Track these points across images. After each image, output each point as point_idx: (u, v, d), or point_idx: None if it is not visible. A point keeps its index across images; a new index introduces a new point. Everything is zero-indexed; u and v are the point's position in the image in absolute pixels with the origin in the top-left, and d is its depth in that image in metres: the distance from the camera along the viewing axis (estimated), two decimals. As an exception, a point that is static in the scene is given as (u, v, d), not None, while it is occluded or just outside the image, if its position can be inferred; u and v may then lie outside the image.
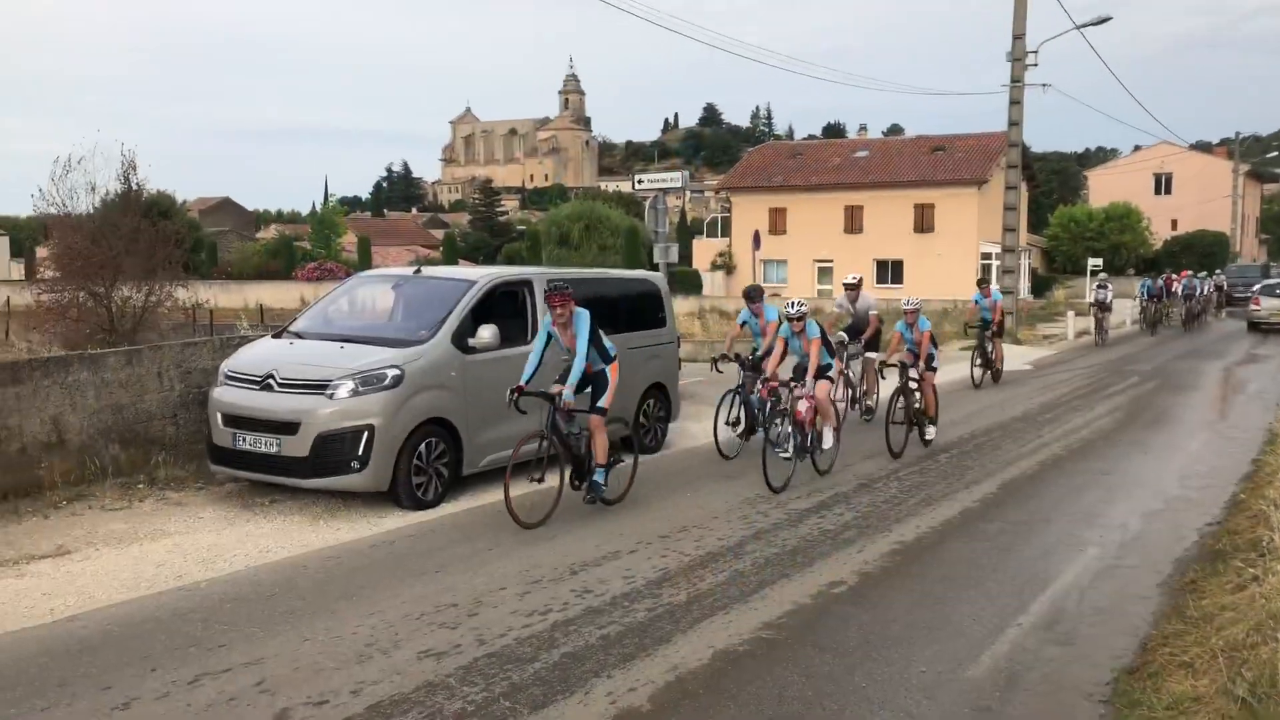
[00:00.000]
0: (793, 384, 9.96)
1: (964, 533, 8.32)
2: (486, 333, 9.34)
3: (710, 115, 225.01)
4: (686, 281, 51.03)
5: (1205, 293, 37.29)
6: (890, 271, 49.97)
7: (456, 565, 7.23)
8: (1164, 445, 12.51)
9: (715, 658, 5.60)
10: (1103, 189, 70.84)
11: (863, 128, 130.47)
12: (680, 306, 34.27)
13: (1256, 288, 34.30)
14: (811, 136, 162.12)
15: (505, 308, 9.97)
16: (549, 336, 8.76)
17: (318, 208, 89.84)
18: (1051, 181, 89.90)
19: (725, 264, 53.97)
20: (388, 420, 8.54)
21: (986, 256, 45.55)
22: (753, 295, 12.04)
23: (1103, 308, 27.62)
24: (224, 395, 9.02)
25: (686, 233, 70.97)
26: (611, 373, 8.91)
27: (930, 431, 12.11)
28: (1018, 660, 5.64)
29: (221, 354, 10.06)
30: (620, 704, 5.01)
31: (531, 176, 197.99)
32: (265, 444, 8.60)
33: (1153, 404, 16.13)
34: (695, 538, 8.05)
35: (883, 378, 13.33)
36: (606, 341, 8.91)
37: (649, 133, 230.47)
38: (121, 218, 22.17)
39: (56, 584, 6.77)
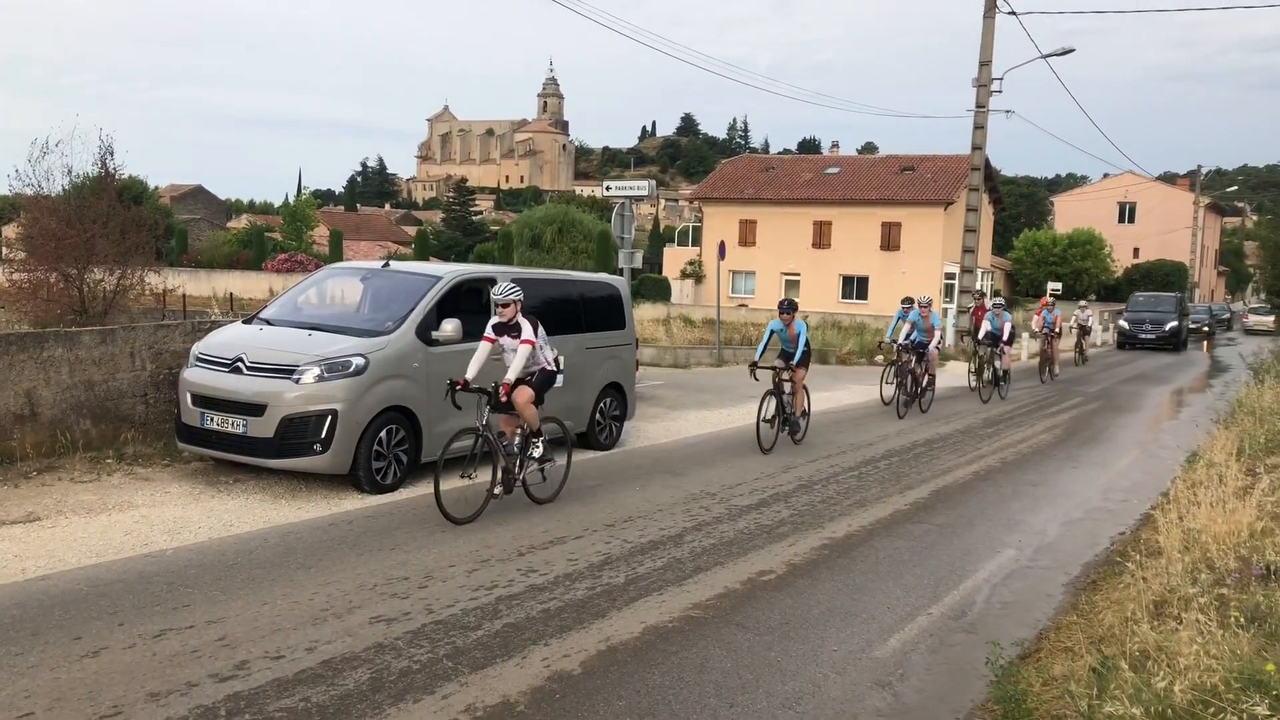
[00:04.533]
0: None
1: (891, 532, 8.83)
2: (449, 326, 9.76)
3: (688, 125, 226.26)
4: (656, 288, 51.55)
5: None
6: (856, 287, 50.77)
7: (410, 544, 7.64)
8: (1095, 461, 13.12)
9: (645, 632, 6.06)
10: (1068, 215, 72.18)
11: (834, 145, 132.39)
12: (648, 313, 34.72)
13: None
14: (787, 150, 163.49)
15: (469, 303, 10.39)
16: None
17: (290, 199, 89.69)
18: (1020, 205, 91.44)
19: (694, 273, 54.55)
20: (351, 406, 8.94)
21: (950, 276, 46.34)
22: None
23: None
24: (194, 376, 9.39)
25: (659, 240, 71.56)
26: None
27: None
28: (923, 644, 6.14)
29: (193, 337, 10.43)
30: (554, 668, 5.45)
31: (507, 178, 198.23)
32: (232, 424, 8.98)
33: (1092, 423, 16.79)
34: (639, 527, 8.51)
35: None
36: None
37: (627, 139, 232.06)
38: (96, 201, 22.36)
39: (27, 547, 7.12)
